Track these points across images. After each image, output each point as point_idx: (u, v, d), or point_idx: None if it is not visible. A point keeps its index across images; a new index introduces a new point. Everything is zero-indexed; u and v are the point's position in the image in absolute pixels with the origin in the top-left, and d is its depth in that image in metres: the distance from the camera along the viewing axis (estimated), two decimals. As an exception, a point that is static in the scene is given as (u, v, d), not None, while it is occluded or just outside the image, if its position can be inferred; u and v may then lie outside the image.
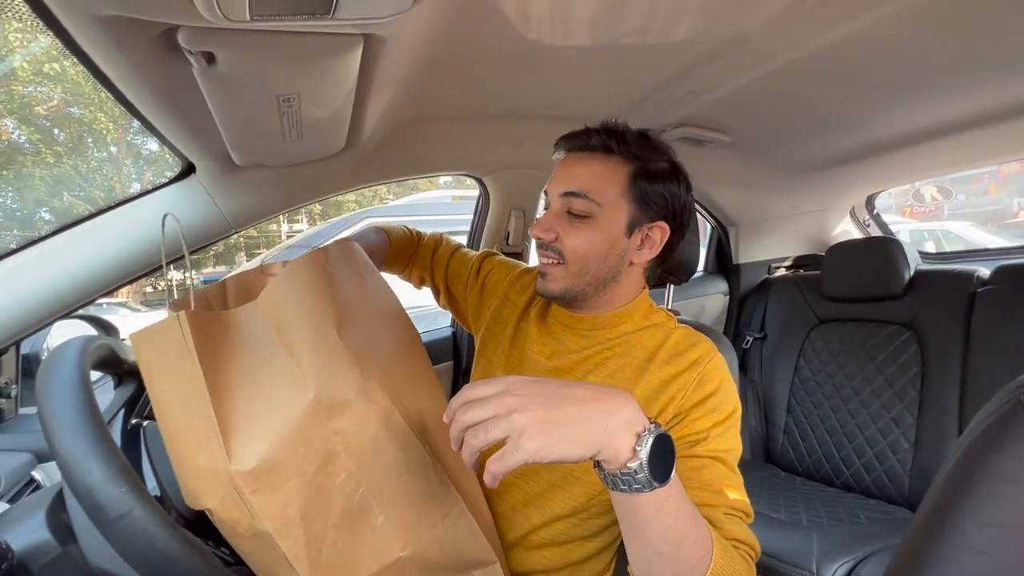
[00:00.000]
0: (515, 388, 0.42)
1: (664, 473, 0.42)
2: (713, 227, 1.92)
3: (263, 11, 0.45)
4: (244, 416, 0.47)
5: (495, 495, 0.70)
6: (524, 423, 0.39)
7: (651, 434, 0.41)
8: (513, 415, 0.40)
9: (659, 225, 0.68)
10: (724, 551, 0.48)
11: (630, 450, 0.41)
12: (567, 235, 0.67)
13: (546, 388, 0.42)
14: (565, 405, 0.41)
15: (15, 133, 6.83)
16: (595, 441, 0.41)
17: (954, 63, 0.96)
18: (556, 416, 0.40)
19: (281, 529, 0.46)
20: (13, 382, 0.90)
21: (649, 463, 0.40)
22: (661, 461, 0.41)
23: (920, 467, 1.36)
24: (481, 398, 0.42)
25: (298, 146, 0.82)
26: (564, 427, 0.40)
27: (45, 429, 0.46)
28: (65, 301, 0.82)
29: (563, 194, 0.67)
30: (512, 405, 0.40)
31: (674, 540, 0.43)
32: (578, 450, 0.40)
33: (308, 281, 0.51)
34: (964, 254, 2.13)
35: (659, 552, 0.43)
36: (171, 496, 0.60)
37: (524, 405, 0.40)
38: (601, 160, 0.68)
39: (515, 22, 0.73)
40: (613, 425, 0.41)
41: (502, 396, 0.41)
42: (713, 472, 0.58)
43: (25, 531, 0.54)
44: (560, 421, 0.40)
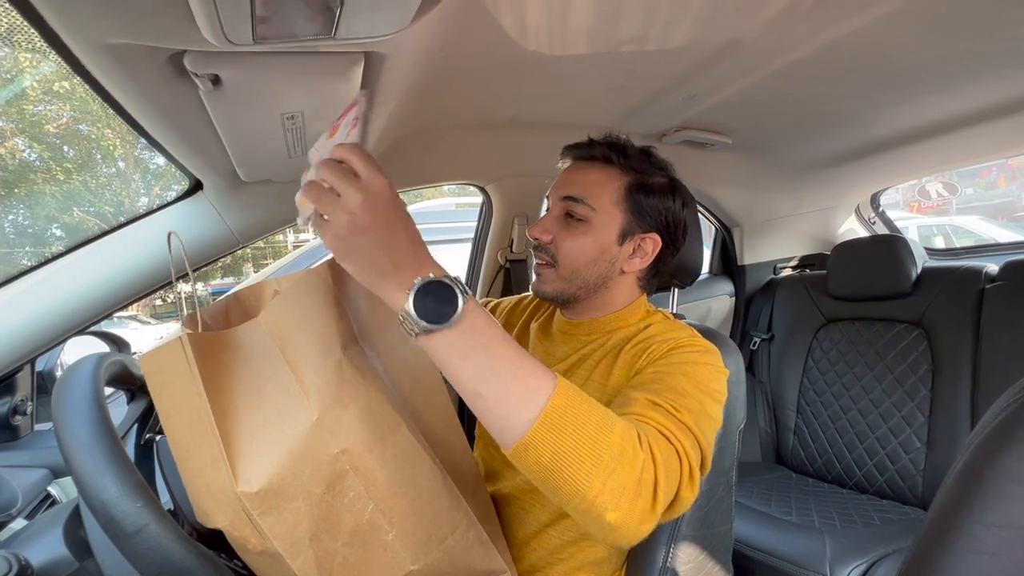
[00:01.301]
0: (359, 205, 0.43)
1: (439, 318, 0.42)
2: (717, 228, 1.92)
3: (266, 34, 0.46)
4: (249, 437, 0.47)
5: (501, 499, 0.71)
6: (340, 222, 0.43)
7: (423, 280, 0.43)
8: (339, 210, 0.43)
9: (651, 237, 0.72)
10: (576, 393, 0.44)
11: (402, 298, 0.43)
12: (562, 238, 0.70)
13: (377, 219, 0.43)
14: (376, 237, 0.43)
15: (26, 151, 6.95)
16: (370, 276, 0.44)
17: (956, 59, 0.95)
18: (359, 240, 0.43)
19: (291, 549, 0.46)
20: (29, 399, 0.91)
21: (416, 305, 0.42)
22: (435, 304, 0.42)
23: (933, 466, 1.35)
24: (341, 176, 0.43)
25: (303, 161, 0.83)
26: (358, 252, 0.44)
27: (61, 446, 0.47)
28: (78, 318, 0.84)
29: (563, 198, 0.71)
30: (347, 205, 0.43)
31: (488, 377, 0.43)
32: (355, 273, 0.44)
33: (311, 296, 0.52)
34: (971, 250, 2.12)
35: (478, 392, 0.43)
36: (184, 510, 0.61)
37: (354, 212, 0.43)
38: (600, 169, 0.71)
39: (513, 34, 0.74)
40: (389, 273, 0.44)
41: (350, 196, 0.43)
42: (647, 383, 0.57)
43: (43, 547, 0.55)
44: (360, 244, 0.43)
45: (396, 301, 0.43)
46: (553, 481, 0.42)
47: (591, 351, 0.71)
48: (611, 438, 0.43)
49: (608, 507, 0.42)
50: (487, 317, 0.45)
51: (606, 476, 0.42)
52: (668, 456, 0.47)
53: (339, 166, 0.44)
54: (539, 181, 1.35)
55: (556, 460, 0.41)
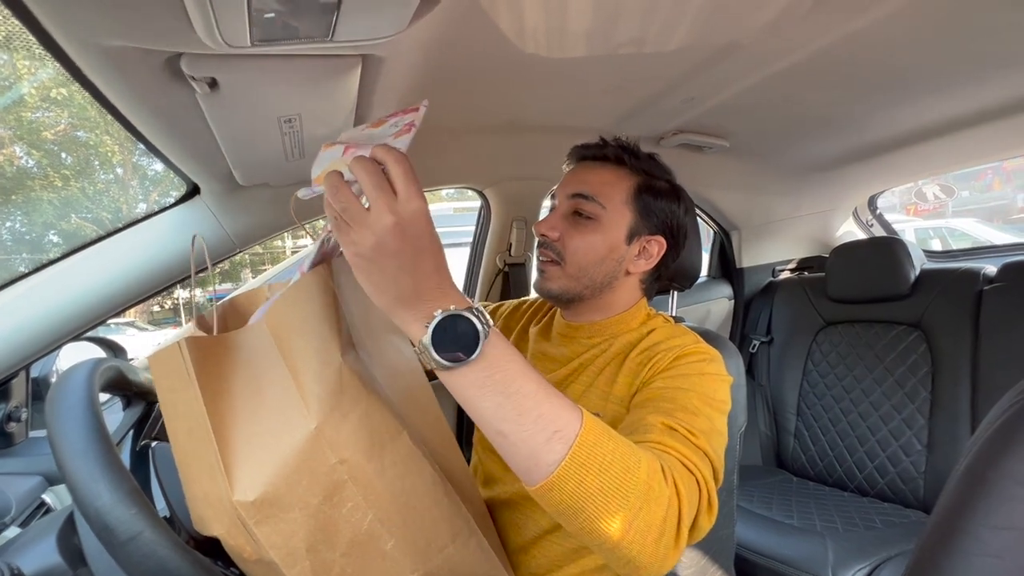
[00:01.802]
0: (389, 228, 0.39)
1: (458, 355, 0.40)
2: (715, 231, 1.92)
3: (263, 37, 0.46)
4: (248, 445, 0.46)
5: (501, 504, 0.70)
6: (364, 240, 0.40)
7: (443, 314, 0.40)
8: (366, 228, 0.40)
9: (657, 239, 0.73)
10: (603, 434, 0.42)
11: (421, 328, 0.41)
12: (569, 235, 0.70)
13: (406, 245, 0.40)
14: (401, 263, 0.40)
15: (24, 158, 6.94)
16: (389, 300, 0.42)
17: (952, 61, 0.96)
18: (383, 263, 0.40)
19: (287, 559, 0.45)
20: (23, 405, 0.91)
21: (435, 339, 0.40)
22: (454, 339, 0.40)
23: (934, 469, 1.34)
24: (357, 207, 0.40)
25: (300, 165, 0.83)
26: (380, 273, 0.41)
27: (55, 453, 0.47)
28: (73, 324, 0.83)
29: (572, 195, 0.71)
30: (376, 225, 0.39)
31: (511, 417, 0.41)
32: (373, 294, 0.42)
33: (312, 300, 0.51)
34: (970, 252, 2.12)
35: (500, 432, 0.41)
36: (181, 517, 0.60)
37: (382, 234, 0.39)
38: (611, 169, 0.72)
39: (511, 37, 0.74)
40: (409, 301, 0.41)
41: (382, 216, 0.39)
42: (659, 401, 0.56)
43: (37, 555, 0.54)
44: (382, 267, 0.41)
45: (413, 332, 0.41)
46: (578, 520, 0.41)
47: (593, 357, 0.70)
48: (638, 476, 0.42)
49: (634, 546, 0.41)
50: (510, 352, 0.42)
51: (633, 516, 0.40)
52: (690, 488, 0.47)
53: (377, 171, 0.40)
54: (537, 184, 1.35)
55: (582, 501, 0.40)
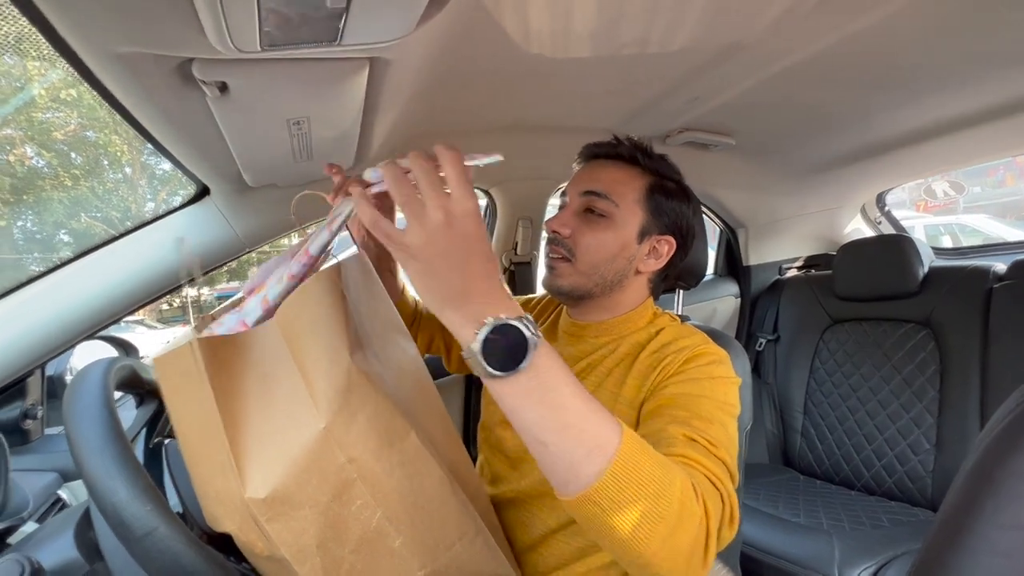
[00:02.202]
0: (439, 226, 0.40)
1: (507, 364, 0.40)
2: (722, 230, 1.91)
3: (273, 41, 0.47)
4: (258, 443, 0.47)
5: (508, 503, 0.71)
6: (415, 238, 0.40)
7: (495, 321, 0.40)
8: (417, 225, 0.40)
9: (667, 239, 0.73)
10: (640, 451, 0.42)
11: (470, 334, 0.40)
12: (581, 232, 0.70)
13: (455, 244, 0.40)
14: (451, 262, 0.40)
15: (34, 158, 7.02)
16: (438, 302, 0.42)
17: (956, 59, 0.95)
18: (433, 263, 0.40)
19: (297, 556, 0.46)
20: (39, 403, 0.92)
21: (484, 347, 0.39)
22: (504, 348, 0.40)
23: (942, 468, 1.34)
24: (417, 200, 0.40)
25: (308, 166, 0.84)
26: (430, 274, 0.41)
27: (73, 450, 0.48)
28: (87, 323, 0.84)
29: (584, 193, 0.71)
30: (427, 223, 0.40)
31: (554, 429, 0.41)
32: (422, 292, 0.42)
33: (322, 300, 0.52)
34: (980, 249, 2.10)
35: (542, 442, 0.41)
36: (193, 513, 0.61)
37: (433, 232, 0.40)
38: (624, 168, 0.73)
39: (517, 39, 0.74)
40: (459, 304, 0.41)
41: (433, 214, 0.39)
42: (673, 408, 0.56)
43: (55, 550, 0.55)
44: (432, 267, 0.41)
45: (463, 337, 0.41)
46: (611, 535, 0.41)
47: (601, 357, 0.71)
48: (672, 495, 0.42)
49: (665, 564, 0.41)
50: (558, 363, 0.42)
51: (666, 535, 0.41)
52: (716, 503, 0.47)
53: (433, 168, 0.40)
54: (543, 184, 1.35)
55: (617, 517, 0.40)
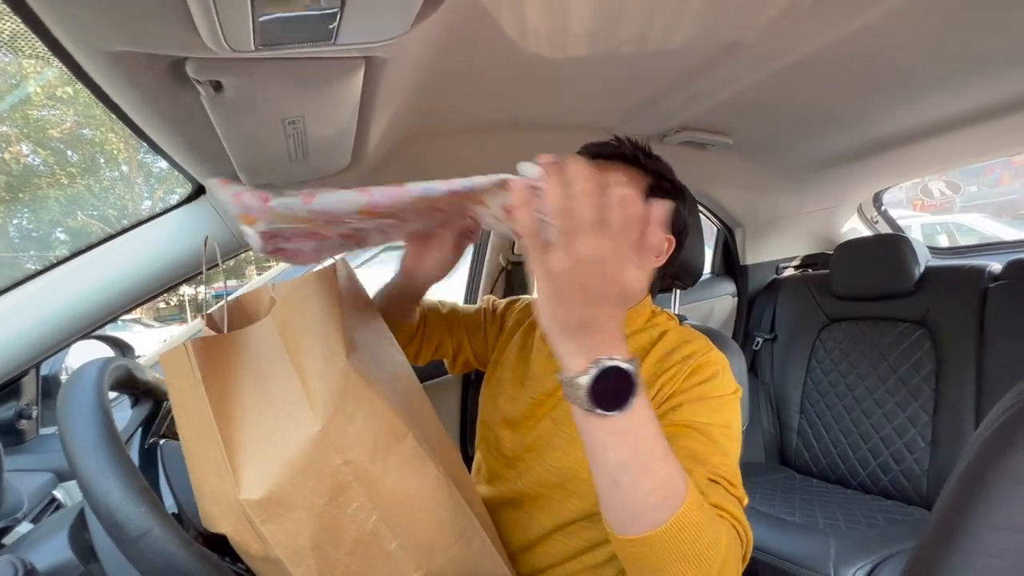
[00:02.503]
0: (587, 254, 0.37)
1: (611, 404, 0.40)
2: (719, 229, 1.92)
3: (267, 40, 0.47)
4: (254, 444, 0.47)
5: (504, 503, 0.71)
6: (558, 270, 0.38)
7: (609, 363, 0.39)
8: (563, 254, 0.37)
9: (667, 238, 0.73)
10: (700, 506, 0.44)
11: (581, 367, 0.40)
12: None
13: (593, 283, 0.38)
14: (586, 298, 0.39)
15: (30, 156, 6.99)
16: (558, 325, 0.40)
17: (958, 57, 0.95)
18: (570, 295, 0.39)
19: (292, 557, 0.46)
20: (34, 403, 0.92)
21: (593, 386, 0.39)
22: (610, 392, 0.40)
23: (938, 466, 1.34)
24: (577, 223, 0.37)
25: (304, 165, 0.84)
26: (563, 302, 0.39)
27: (66, 451, 0.48)
28: (82, 323, 0.84)
29: None
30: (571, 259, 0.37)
31: (633, 473, 0.41)
32: (543, 313, 0.40)
33: (319, 298, 0.52)
34: (976, 248, 2.11)
35: (617, 482, 0.42)
36: (189, 514, 0.61)
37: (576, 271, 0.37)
38: (625, 170, 0.71)
39: (514, 37, 0.74)
40: (577, 335, 0.40)
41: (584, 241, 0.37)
42: (689, 440, 0.56)
43: (49, 551, 0.55)
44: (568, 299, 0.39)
45: (571, 366, 0.40)
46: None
47: None
48: (717, 553, 0.44)
49: None
50: (650, 411, 0.43)
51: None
52: (739, 551, 0.49)
53: (599, 196, 0.37)
54: (540, 183, 1.35)
55: (666, 563, 0.42)
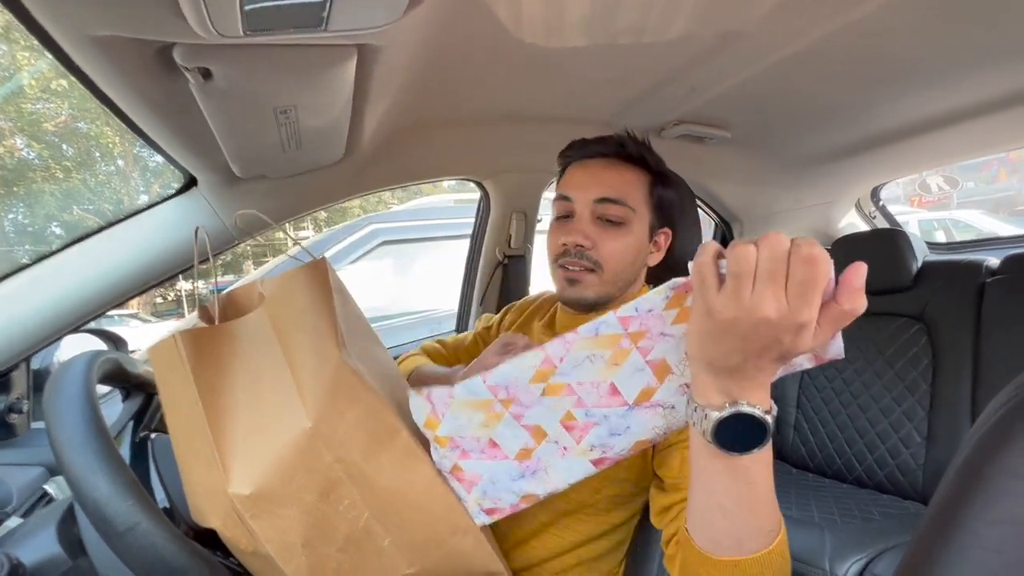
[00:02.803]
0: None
1: (732, 445, 0.38)
2: (717, 224, 1.91)
3: (256, 26, 0.45)
4: (243, 438, 0.46)
5: None
6: (719, 310, 0.35)
7: (745, 407, 0.37)
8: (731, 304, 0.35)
9: (665, 231, 0.74)
10: (785, 539, 0.45)
11: (715, 403, 0.38)
12: (603, 241, 0.68)
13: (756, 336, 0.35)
14: (742, 347, 0.35)
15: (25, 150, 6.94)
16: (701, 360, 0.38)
17: (958, 50, 0.94)
18: (726, 340, 0.36)
19: (282, 553, 0.45)
20: (25, 397, 0.91)
21: (721, 425, 0.38)
22: (738, 435, 0.38)
23: (934, 461, 1.34)
24: None
25: (297, 156, 0.83)
26: (717, 344, 0.37)
27: (53, 445, 0.47)
28: (73, 315, 0.83)
29: (598, 200, 0.68)
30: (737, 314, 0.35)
31: (743, 506, 0.41)
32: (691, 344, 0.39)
33: (310, 294, 0.51)
34: (973, 244, 2.11)
35: (724, 508, 0.41)
36: (180, 508, 0.61)
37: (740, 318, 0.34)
38: (630, 168, 0.71)
39: (508, 26, 0.73)
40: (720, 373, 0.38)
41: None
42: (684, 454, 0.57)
43: (36, 545, 0.54)
44: (724, 343, 0.36)
45: (705, 397, 0.38)
46: None
47: None
48: None
49: None
50: (770, 455, 0.41)
51: None
52: None
53: (784, 262, 0.34)
54: (537, 176, 1.34)
55: None
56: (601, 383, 0.45)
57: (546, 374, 0.45)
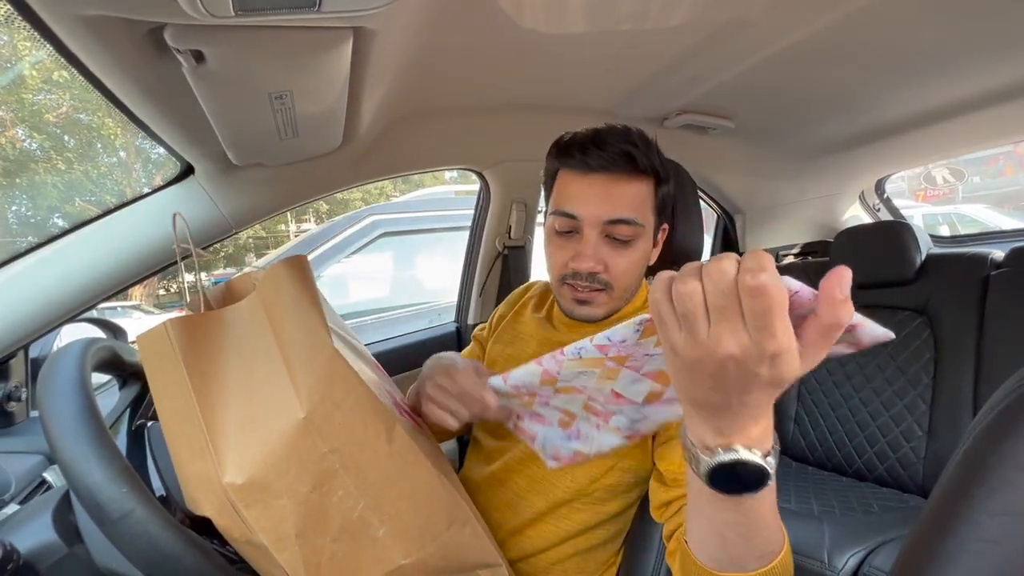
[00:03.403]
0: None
1: (731, 488, 0.36)
2: (719, 215, 1.90)
3: (247, 6, 0.45)
4: (237, 428, 0.46)
5: (498, 483, 0.70)
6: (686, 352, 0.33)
7: (742, 453, 0.35)
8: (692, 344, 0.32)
9: (663, 228, 0.73)
10: (789, 555, 0.44)
11: (708, 445, 0.36)
12: (614, 262, 0.66)
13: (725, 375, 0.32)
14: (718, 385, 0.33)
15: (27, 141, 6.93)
16: (687, 402, 0.36)
17: (965, 40, 0.93)
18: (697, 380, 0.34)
19: (276, 543, 0.45)
20: (23, 385, 0.91)
21: (714, 471, 0.36)
22: (737, 479, 0.36)
23: (934, 455, 1.34)
24: None
25: (294, 144, 0.82)
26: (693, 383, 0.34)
27: (46, 432, 0.47)
28: (72, 304, 0.83)
29: (609, 222, 0.64)
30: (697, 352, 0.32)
31: (743, 535, 0.40)
32: (676, 387, 0.37)
33: (297, 285, 0.50)
34: (977, 237, 2.09)
35: (723, 536, 0.41)
36: (176, 496, 0.60)
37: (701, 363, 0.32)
38: (639, 180, 0.65)
39: (508, 11, 0.72)
40: (709, 415, 0.35)
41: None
42: None
43: (32, 532, 0.54)
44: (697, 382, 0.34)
45: (699, 437, 0.36)
46: None
47: None
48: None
49: None
50: (773, 490, 0.38)
51: None
52: None
53: (734, 290, 0.30)
54: (537, 166, 1.32)
55: None
56: (603, 389, 0.46)
57: (551, 382, 0.48)
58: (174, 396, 0.49)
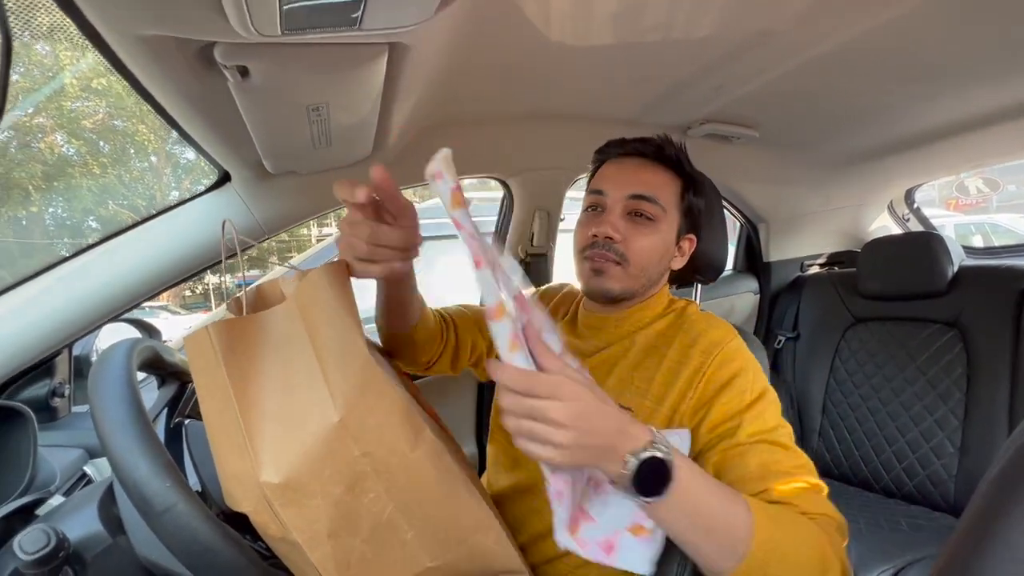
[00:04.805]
0: (565, 438, 0.43)
1: (657, 488, 0.45)
2: (742, 224, 1.88)
3: (294, 25, 0.47)
4: (274, 428, 0.47)
5: (524, 490, 0.71)
6: (550, 454, 0.44)
7: (641, 453, 0.44)
8: (548, 445, 0.44)
9: (690, 238, 0.75)
10: (772, 520, 0.48)
11: (616, 471, 0.45)
12: (633, 236, 0.69)
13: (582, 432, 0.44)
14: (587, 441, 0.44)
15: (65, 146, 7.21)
16: (587, 463, 0.46)
17: (998, 48, 0.91)
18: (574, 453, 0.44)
19: (310, 542, 0.47)
20: (66, 382, 0.95)
21: (636, 480, 0.44)
22: (650, 478, 0.45)
23: (966, 472, 1.30)
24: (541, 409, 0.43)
25: (327, 153, 0.85)
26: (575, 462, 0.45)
27: (97, 427, 0.49)
28: (113, 305, 0.87)
29: (631, 196, 0.69)
30: (553, 439, 0.43)
31: (702, 532, 0.47)
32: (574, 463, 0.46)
33: (334, 290, 0.52)
34: (1012, 249, 2.02)
35: (693, 543, 0.47)
36: (212, 492, 0.63)
37: (561, 444, 0.43)
38: (664, 169, 0.72)
39: (537, 24, 0.73)
40: (603, 456, 0.45)
41: (554, 434, 0.43)
42: (759, 456, 0.56)
43: (79, 523, 0.57)
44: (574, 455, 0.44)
45: (613, 472, 0.45)
46: None
47: (624, 349, 0.71)
48: (812, 550, 0.48)
49: None
50: (693, 472, 0.47)
51: None
52: (837, 537, 0.52)
53: (526, 383, 0.44)
54: (561, 174, 1.34)
55: None
56: None
57: None
58: (216, 397, 0.51)
